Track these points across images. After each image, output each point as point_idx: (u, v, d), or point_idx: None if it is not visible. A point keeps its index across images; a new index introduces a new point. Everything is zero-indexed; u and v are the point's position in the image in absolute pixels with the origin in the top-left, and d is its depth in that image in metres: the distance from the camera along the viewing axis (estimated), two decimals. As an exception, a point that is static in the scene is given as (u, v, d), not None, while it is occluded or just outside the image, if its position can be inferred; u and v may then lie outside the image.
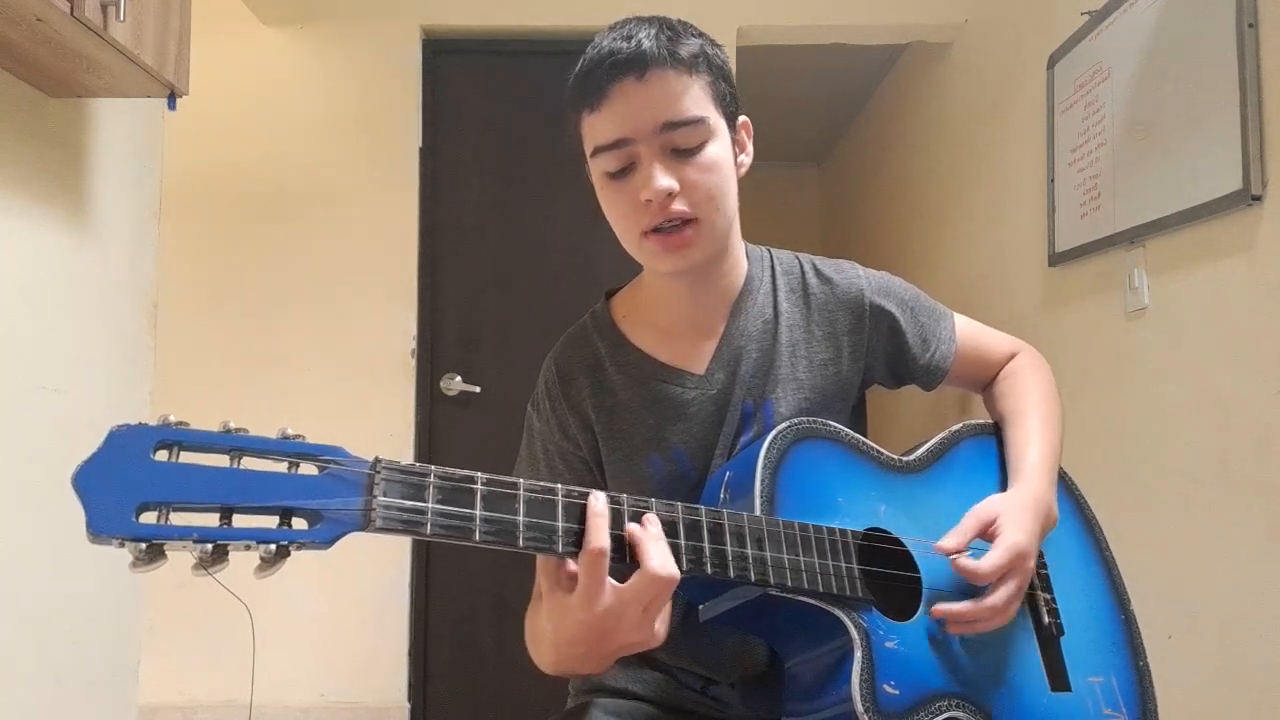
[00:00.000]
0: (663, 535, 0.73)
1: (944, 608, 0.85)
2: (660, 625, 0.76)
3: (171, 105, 1.81)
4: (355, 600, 2.70)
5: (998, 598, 0.84)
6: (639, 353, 1.00)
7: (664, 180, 0.87)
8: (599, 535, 0.70)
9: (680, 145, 0.88)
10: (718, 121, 0.91)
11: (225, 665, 2.61)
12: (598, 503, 0.72)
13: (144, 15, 1.63)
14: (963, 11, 2.92)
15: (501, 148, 2.89)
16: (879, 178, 4.09)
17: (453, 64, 2.92)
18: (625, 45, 0.86)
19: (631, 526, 0.73)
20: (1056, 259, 2.22)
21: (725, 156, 0.92)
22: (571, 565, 0.73)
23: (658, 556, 0.71)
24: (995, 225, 2.68)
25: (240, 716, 2.60)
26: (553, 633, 0.78)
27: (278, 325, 2.77)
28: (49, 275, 1.79)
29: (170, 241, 2.53)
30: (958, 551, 0.86)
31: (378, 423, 2.73)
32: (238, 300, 2.77)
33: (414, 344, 2.78)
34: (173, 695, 2.63)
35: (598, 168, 0.91)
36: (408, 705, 2.68)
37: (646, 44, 0.86)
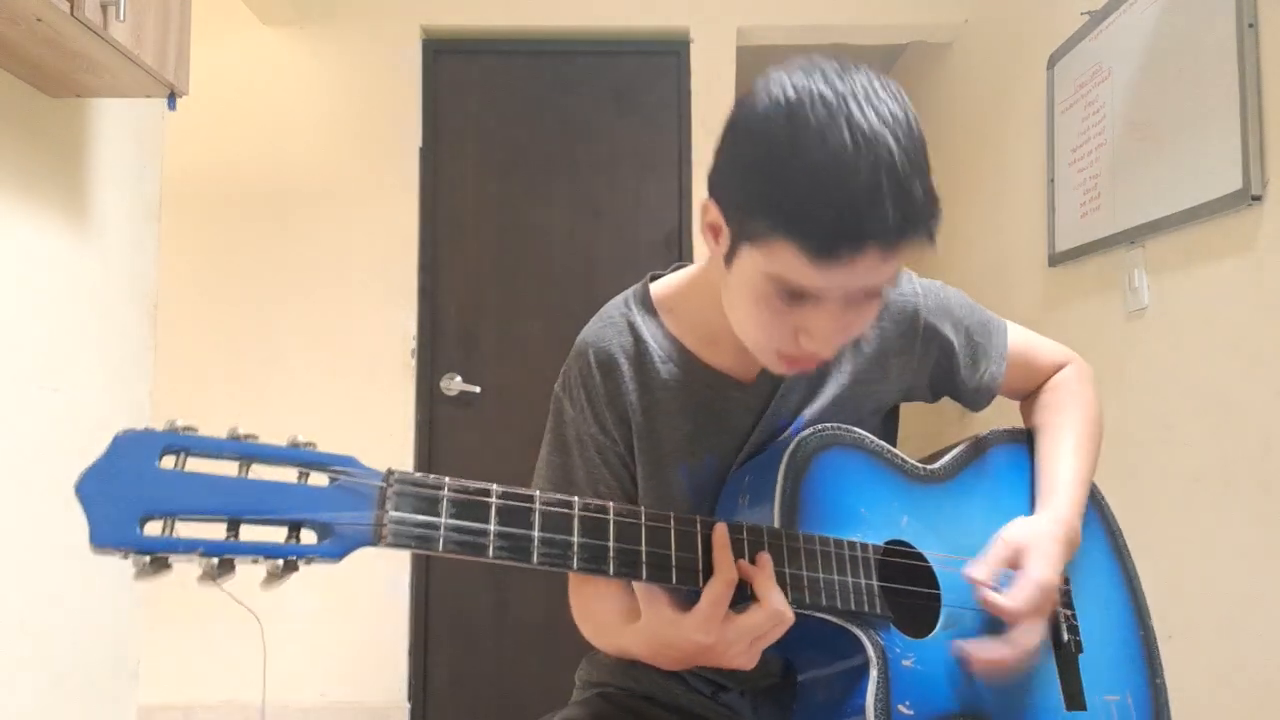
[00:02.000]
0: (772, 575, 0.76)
1: (968, 648, 0.83)
2: (759, 652, 0.77)
3: (171, 105, 1.81)
4: (356, 600, 2.70)
5: (1024, 639, 0.82)
6: (686, 353, 0.94)
7: (838, 337, 0.79)
8: (729, 568, 0.73)
9: (866, 291, 0.77)
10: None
11: (226, 665, 2.61)
12: (723, 535, 0.74)
13: (144, 15, 1.63)
14: (963, 11, 2.92)
15: (501, 148, 2.89)
16: (879, 178, 4.09)
17: (453, 64, 2.92)
18: (889, 209, 0.68)
19: (744, 562, 0.75)
20: (1056, 259, 2.22)
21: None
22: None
23: (779, 596, 0.74)
24: (995, 225, 2.68)
25: (241, 716, 2.59)
26: (652, 637, 0.80)
27: (278, 325, 2.77)
28: (49, 275, 1.79)
29: (170, 241, 2.53)
30: (987, 583, 0.84)
31: (378, 423, 2.73)
32: (238, 300, 2.77)
33: (414, 344, 2.78)
34: (173, 695, 2.63)
35: (766, 285, 0.76)
36: (408, 705, 2.68)
37: (910, 213, 0.70)
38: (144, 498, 0.55)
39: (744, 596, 0.75)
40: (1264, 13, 1.54)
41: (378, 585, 2.71)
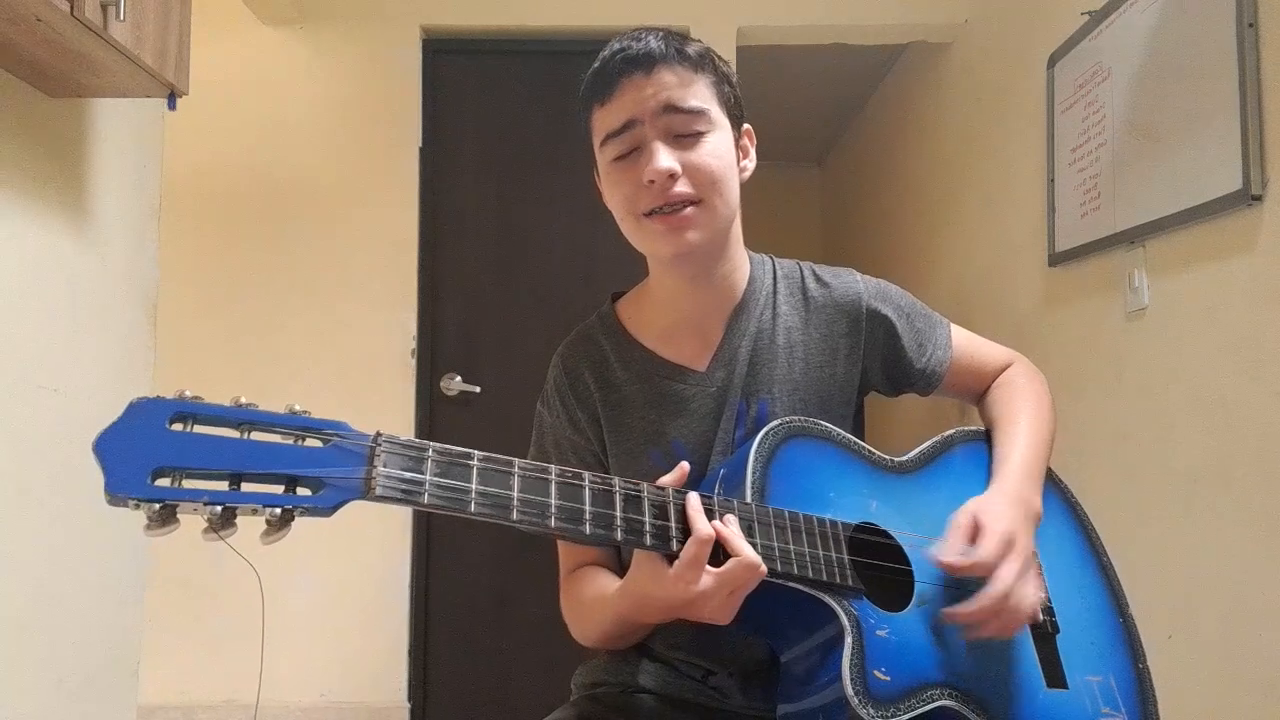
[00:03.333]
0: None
1: (954, 611, 0.85)
2: (735, 609, 0.81)
3: (171, 105, 1.81)
4: (355, 600, 2.70)
5: (1002, 581, 0.85)
6: (644, 350, 1.03)
7: (666, 160, 0.91)
8: (705, 527, 0.77)
9: (682, 130, 0.92)
10: (720, 117, 0.95)
11: (225, 665, 2.61)
12: (696, 500, 0.79)
13: (144, 15, 1.63)
14: (963, 11, 2.92)
15: (501, 148, 2.89)
16: (879, 178, 4.09)
17: (453, 64, 2.92)
18: (635, 45, 0.93)
19: (717, 523, 0.79)
20: (1056, 259, 2.22)
21: (728, 149, 0.95)
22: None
23: (749, 548, 0.78)
24: (995, 225, 2.68)
25: (241, 716, 2.60)
26: (636, 590, 0.85)
27: (278, 325, 2.77)
28: (49, 275, 1.79)
29: (170, 241, 2.53)
30: (963, 567, 0.86)
31: (378, 423, 2.69)
32: (238, 300, 2.77)
33: (414, 344, 2.78)
34: (173, 695, 2.63)
35: (605, 156, 0.95)
36: (408, 705, 2.68)
37: (654, 44, 0.92)
38: (155, 454, 0.59)
39: (716, 560, 0.79)
40: (1264, 13, 1.54)
41: (378, 586, 2.71)
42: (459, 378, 2.79)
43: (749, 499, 0.84)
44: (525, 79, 2.91)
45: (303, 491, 0.63)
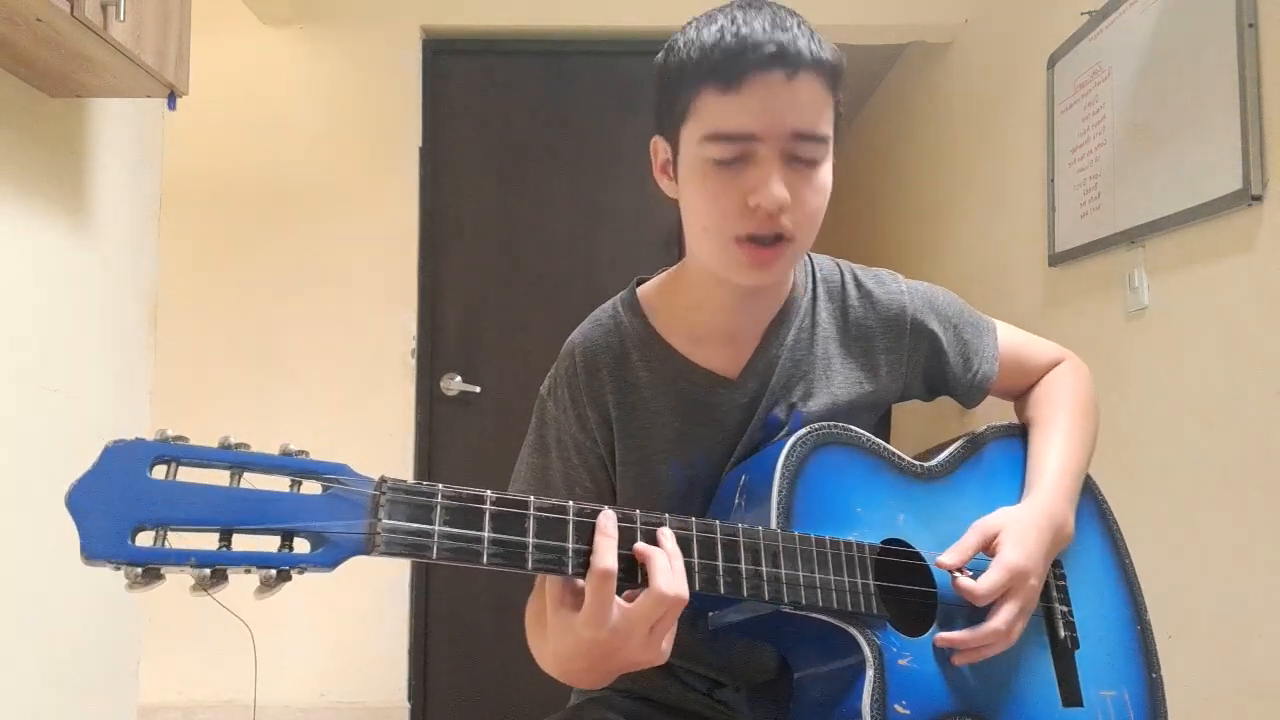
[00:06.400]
0: (678, 552, 0.71)
1: (947, 637, 0.83)
2: (666, 644, 0.73)
3: (171, 105, 1.81)
4: (355, 600, 2.70)
5: (999, 621, 0.83)
6: (671, 350, 0.94)
7: (782, 191, 0.80)
8: (606, 556, 0.68)
9: (803, 157, 0.82)
10: (832, 146, 0.86)
11: (225, 665, 2.61)
12: (607, 523, 0.70)
13: (144, 15, 1.63)
14: (963, 11, 2.92)
15: (501, 148, 2.89)
16: (879, 178, 4.09)
17: (453, 64, 2.92)
18: (782, 35, 0.80)
19: (642, 545, 0.70)
20: (1056, 259, 2.22)
21: (830, 178, 0.86)
22: (579, 581, 0.71)
23: (666, 576, 0.69)
24: (995, 225, 2.68)
25: (241, 716, 2.59)
26: (555, 648, 0.76)
27: (278, 325, 2.77)
28: (49, 275, 1.79)
29: (170, 242, 2.53)
30: (958, 568, 0.85)
31: (377, 423, 2.73)
32: (238, 300, 2.77)
33: (414, 344, 2.78)
34: (173, 695, 2.63)
35: (705, 152, 0.82)
36: (408, 705, 2.68)
37: (802, 42, 0.81)
38: (135, 508, 0.54)
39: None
40: (1264, 13, 1.54)
41: (378, 586, 2.71)
42: (459, 378, 2.78)
43: (774, 519, 0.80)
44: (525, 79, 2.90)
45: (300, 546, 0.59)
